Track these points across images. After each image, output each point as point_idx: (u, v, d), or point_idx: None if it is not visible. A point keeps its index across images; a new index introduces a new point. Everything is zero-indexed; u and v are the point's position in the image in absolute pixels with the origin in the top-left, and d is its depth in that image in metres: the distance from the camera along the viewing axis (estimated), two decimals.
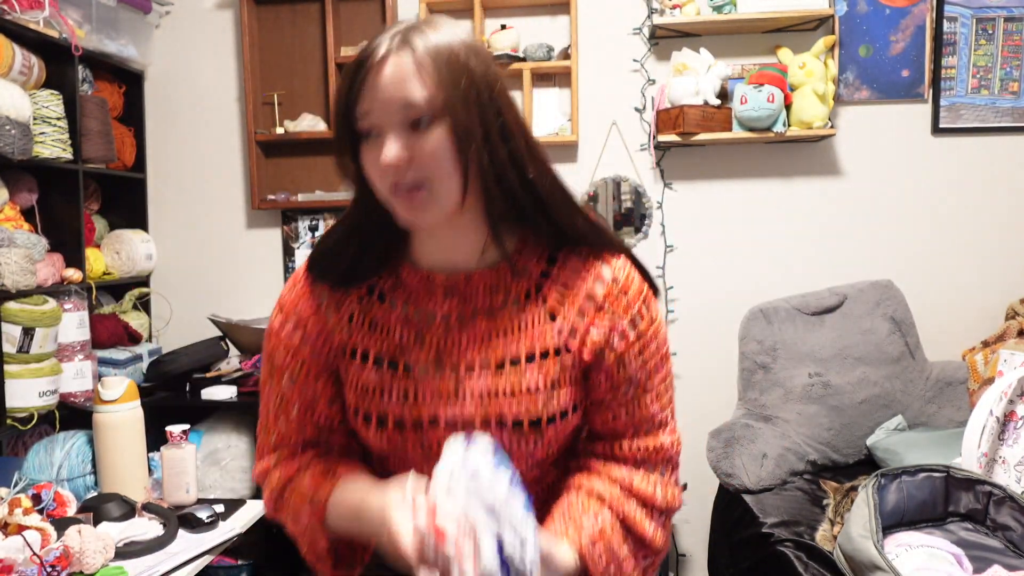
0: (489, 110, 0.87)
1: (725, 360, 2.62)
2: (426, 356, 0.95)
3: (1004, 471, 1.83)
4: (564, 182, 1.00)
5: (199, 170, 2.89)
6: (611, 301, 0.96)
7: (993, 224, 2.67)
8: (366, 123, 0.87)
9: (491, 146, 0.88)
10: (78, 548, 1.52)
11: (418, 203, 0.88)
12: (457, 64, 0.86)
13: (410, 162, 0.86)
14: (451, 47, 0.87)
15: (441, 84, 0.85)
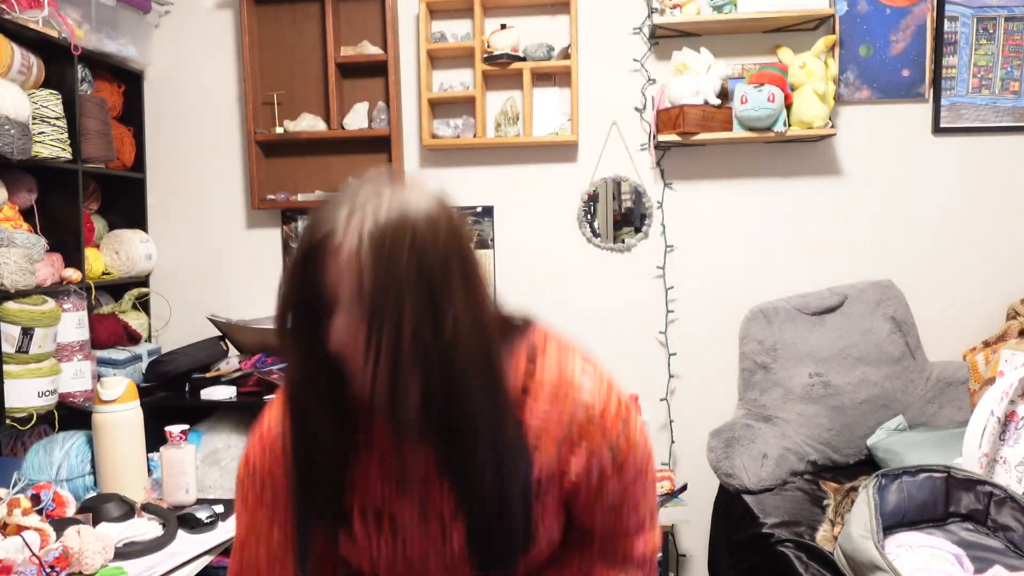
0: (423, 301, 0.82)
1: (725, 360, 2.62)
2: (410, 509, 0.94)
3: (1005, 471, 1.83)
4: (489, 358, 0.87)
5: (199, 170, 2.88)
6: (591, 430, 0.94)
7: (993, 224, 2.67)
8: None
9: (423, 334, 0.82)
10: (77, 548, 1.52)
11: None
12: (393, 264, 0.80)
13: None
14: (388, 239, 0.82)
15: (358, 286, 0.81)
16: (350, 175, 2.99)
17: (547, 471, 0.93)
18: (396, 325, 0.79)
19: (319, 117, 2.72)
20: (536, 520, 0.94)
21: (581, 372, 0.95)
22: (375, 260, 0.79)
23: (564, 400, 0.93)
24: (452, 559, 0.95)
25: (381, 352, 0.80)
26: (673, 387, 2.75)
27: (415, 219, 0.82)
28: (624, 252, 2.73)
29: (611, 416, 0.95)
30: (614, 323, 2.75)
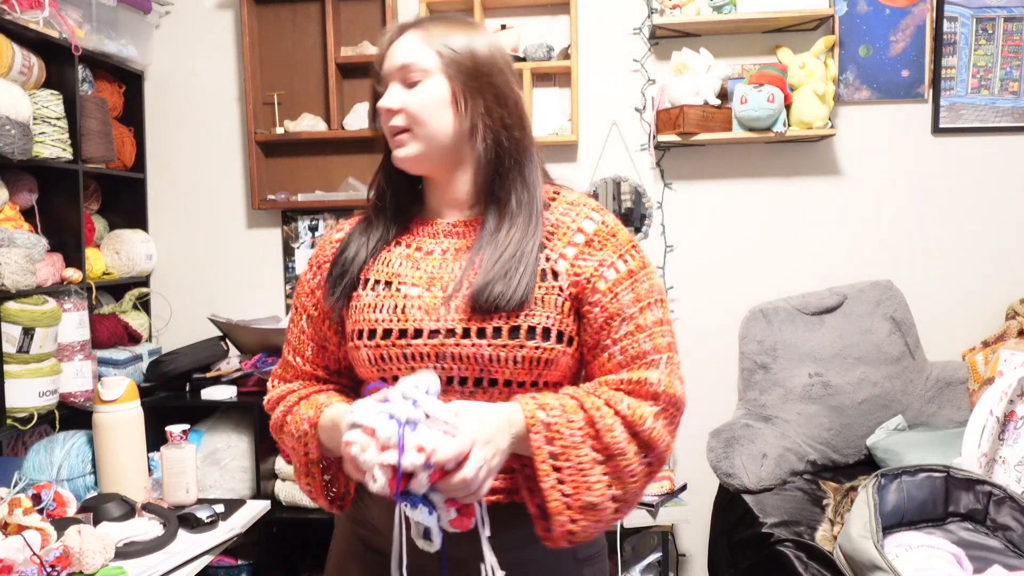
0: (483, 83, 1.05)
1: (725, 360, 2.62)
2: (419, 278, 1.07)
3: (1004, 471, 1.83)
4: (539, 170, 1.11)
5: (199, 170, 2.89)
6: (600, 239, 1.06)
7: (993, 224, 2.67)
8: (381, 87, 1.08)
9: (482, 113, 1.05)
10: (78, 548, 1.52)
11: (401, 143, 1.06)
12: (455, 40, 1.05)
13: (401, 111, 1.05)
14: (452, 27, 1.06)
15: (438, 54, 1.04)
16: (350, 175, 3.00)
17: (558, 263, 1.04)
18: (473, 84, 1.05)
19: (319, 117, 2.72)
20: (539, 297, 1.02)
21: (598, 208, 1.10)
22: (435, 38, 1.05)
23: (579, 212, 1.08)
24: (443, 315, 1.02)
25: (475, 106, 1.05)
26: None
27: (471, 24, 1.09)
28: None
29: (623, 235, 1.07)
30: None
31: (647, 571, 2.42)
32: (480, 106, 1.05)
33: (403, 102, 1.05)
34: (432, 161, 1.08)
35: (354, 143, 2.74)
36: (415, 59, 1.04)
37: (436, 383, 0.93)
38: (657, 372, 1.02)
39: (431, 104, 1.04)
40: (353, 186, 2.74)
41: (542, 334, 1.01)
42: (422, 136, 1.05)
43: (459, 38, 1.05)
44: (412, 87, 1.05)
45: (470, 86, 1.05)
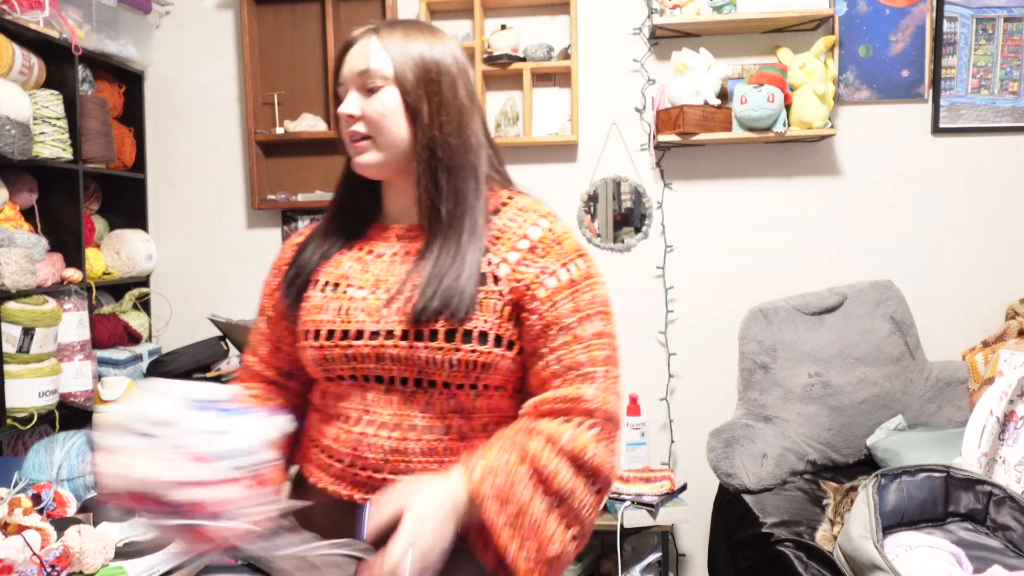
0: (429, 91, 1.06)
1: (725, 360, 2.62)
2: (366, 281, 1.08)
3: (1004, 471, 1.83)
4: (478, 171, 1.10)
5: (199, 170, 2.89)
6: (544, 246, 1.07)
7: (993, 224, 2.67)
8: (341, 90, 1.10)
9: (423, 122, 1.05)
10: (78, 548, 1.52)
11: (361, 150, 1.07)
12: (409, 48, 1.07)
13: (361, 117, 1.06)
14: (409, 34, 1.08)
15: (392, 61, 1.06)
16: None
17: (500, 268, 1.05)
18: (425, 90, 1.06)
19: (319, 117, 2.72)
20: (478, 301, 1.02)
21: (548, 214, 1.11)
22: (391, 44, 1.07)
23: (526, 218, 1.09)
24: (384, 317, 1.04)
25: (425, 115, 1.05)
26: (673, 387, 2.76)
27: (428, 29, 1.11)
28: (624, 252, 2.74)
29: (569, 244, 1.08)
30: None
31: (647, 571, 2.42)
32: (424, 114, 1.05)
33: (362, 109, 1.06)
34: (391, 168, 1.09)
35: None
36: (373, 65, 1.06)
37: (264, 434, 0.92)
38: (593, 388, 1.02)
39: (388, 112, 1.05)
40: None
41: (479, 338, 1.02)
42: (382, 144, 1.07)
43: (414, 45, 1.06)
44: (370, 94, 1.06)
45: (417, 94, 1.05)
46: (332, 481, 1.08)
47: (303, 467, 1.15)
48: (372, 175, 1.10)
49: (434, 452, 1.04)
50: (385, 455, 1.04)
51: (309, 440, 1.14)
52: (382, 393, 1.05)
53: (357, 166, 1.09)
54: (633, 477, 2.47)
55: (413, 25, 1.09)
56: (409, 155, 1.07)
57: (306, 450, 1.15)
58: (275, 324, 1.19)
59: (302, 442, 1.17)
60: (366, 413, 1.06)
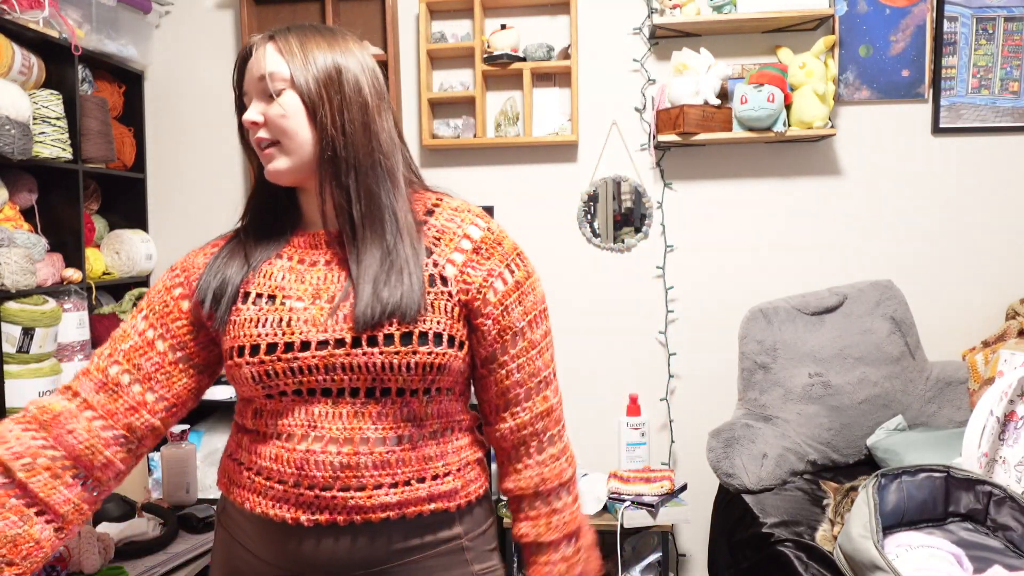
0: (329, 92, 1.02)
1: (725, 360, 2.62)
2: (304, 291, 1.05)
3: (1004, 471, 1.83)
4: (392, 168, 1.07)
5: (199, 170, 2.89)
6: (487, 247, 1.07)
7: (993, 224, 2.67)
8: (245, 100, 1.08)
9: (324, 123, 1.02)
10: (78, 548, 1.52)
11: (270, 157, 1.05)
12: (306, 48, 1.03)
13: (265, 123, 1.04)
14: (304, 36, 1.05)
15: (289, 62, 1.03)
16: None
17: (447, 269, 1.05)
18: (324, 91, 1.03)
19: None
20: (428, 302, 1.02)
21: (481, 214, 1.11)
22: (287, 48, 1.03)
23: (463, 217, 1.09)
24: (331, 326, 1.01)
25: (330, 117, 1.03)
26: (673, 387, 2.76)
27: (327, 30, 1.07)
28: (624, 252, 2.74)
29: (508, 243, 1.10)
30: (614, 323, 2.75)
31: (647, 571, 2.42)
32: (324, 113, 1.02)
33: (264, 115, 1.03)
34: (303, 172, 1.05)
35: None
36: (272, 70, 1.02)
37: None
38: (550, 390, 1.13)
39: (289, 115, 1.02)
40: None
41: (434, 339, 1.01)
42: (288, 148, 1.03)
43: (310, 47, 1.03)
44: (271, 100, 1.03)
45: (316, 93, 1.02)
46: (272, 504, 1.03)
47: (231, 493, 1.09)
48: (286, 182, 1.06)
49: (387, 464, 1.01)
50: (335, 471, 0.99)
51: (236, 464, 1.09)
52: (330, 406, 1.01)
53: (269, 174, 1.06)
54: (633, 477, 2.47)
55: (311, 28, 1.06)
56: (317, 157, 1.04)
57: (232, 475, 1.09)
58: (153, 324, 1.09)
59: (224, 467, 1.12)
60: (312, 429, 1.01)
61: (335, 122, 1.02)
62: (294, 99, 1.02)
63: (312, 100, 1.02)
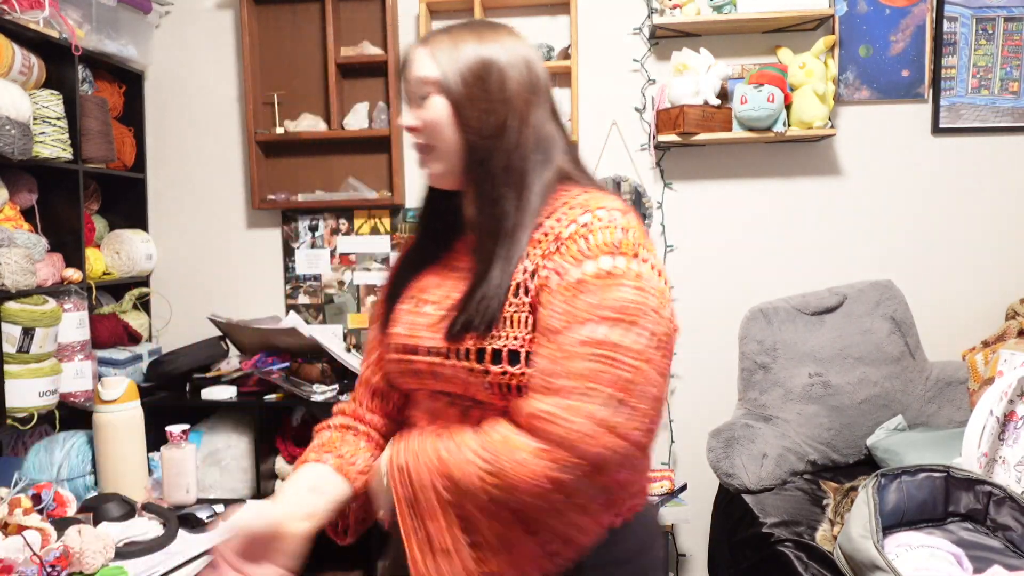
0: (474, 94, 1.00)
1: (725, 360, 2.62)
2: (439, 296, 1.04)
3: (1004, 471, 1.83)
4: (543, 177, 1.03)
5: (199, 170, 2.89)
6: (572, 241, 0.94)
7: (993, 224, 2.67)
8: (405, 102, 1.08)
9: (468, 127, 1.00)
10: (78, 548, 1.52)
11: (424, 161, 1.05)
12: (457, 48, 1.01)
13: (417, 128, 1.03)
14: (457, 35, 1.03)
15: (439, 65, 1.01)
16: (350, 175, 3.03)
17: (531, 279, 0.96)
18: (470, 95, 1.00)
19: (319, 117, 2.72)
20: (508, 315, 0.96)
21: (598, 208, 0.97)
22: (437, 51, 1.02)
23: (572, 215, 0.97)
24: (435, 334, 1.01)
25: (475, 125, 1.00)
26: (673, 387, 2.76)
27: (484, 30, 1.07)
28: None
29: (599, 238, 0.93)
30: None
31: None
32: (470, 118, 1.00)
33: (416, 119, 1.03)
34: (458, 175, 1.03)
35: (354, 143, 2.74)
36: (420, 74, 1.02)
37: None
38: (556, 407, 0.87)
39: (437, 119, 1.01)
40: (353, 186, 2.74)
41: (508, 358, 0.94)
42: (441, 153, 1.03)
43: (462, 46, 1.01)
44: (422, 104, 1.03)
45: (462, 96, 1.00)
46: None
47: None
48: (443, 185, 1.06)
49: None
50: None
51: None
52: (446, 405, 1.03)
53: (427, 178, 1.07)
54: None
55: (468, 26, 1.05)
56: (462, 159, 1.02)
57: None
58: (377, 334, 1.16)
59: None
60: (432, 424, 1.04)
61: (477, 125, 1.00)
62: (441, 103, 1.01)
63: (458, 103, 1.00)
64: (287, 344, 2.56)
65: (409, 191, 2.79)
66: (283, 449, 2.48)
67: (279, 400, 2.43)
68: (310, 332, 2.48)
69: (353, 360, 2.54)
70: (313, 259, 2.84)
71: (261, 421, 2.42)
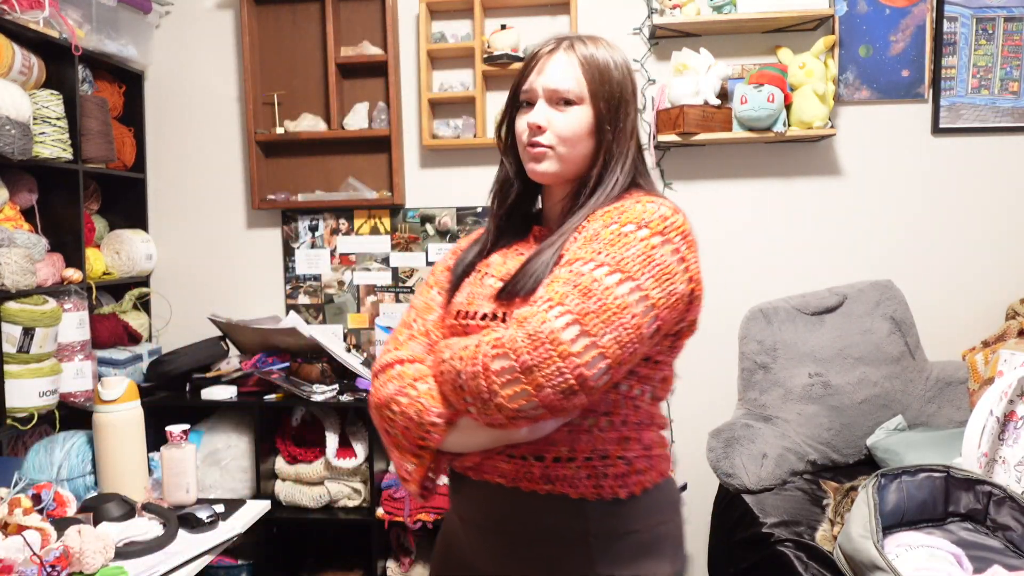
0: (618, 114, 1.11)
1: (725, 360, 2.62)
2: (503, 273, 1.13)
3: (1004, 471, 1.83)
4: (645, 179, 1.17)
5: (199, 170, 2.89)
6: (606, 214, 1.06)
7: (993, 224, 2.67)
8: (525, 96, 1.14)
9: (615, 137, 1.11)
10: (78, 548, 1.52)
11: (541, 157, 1.12)
12: (606, 73, 1.11)
13: (547, 129, 1.11)
14: (603, 59, 1.12)
15: (590, 83, 1.10)
16: (350, 175, 3.02)
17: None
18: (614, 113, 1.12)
19: (319, 117, 2.72)
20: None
21: (645, 200, 1.08)
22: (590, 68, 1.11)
23: (624, 204, 1.08)
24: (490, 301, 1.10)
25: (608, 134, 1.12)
26: (673, 387, 2.75)
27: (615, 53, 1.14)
28: None
29: (631, 214, 1.04)
30: None
31: None
32: (608, 134, 1.11)
33: (550, 121, 1.11)
34: (564, 177, 1.14)
35: (354, 143, 2.74)
36: (570, 84, 1.10)
37: None
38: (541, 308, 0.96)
39: (578, 130, 1.11)
40: (353, 186, 2.74)
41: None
42: (563, 156, 1.12)
43: (605, 65, 1.11)
44: (562, 110, 1.11)
45: (606, 116, 1.11)
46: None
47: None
48: (545, 181, 1.15)
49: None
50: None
51: None
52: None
53: (534, 173, 1.14)
54: None
55: (599, 42, 1.13)
56: (582, 167, 1.13)
57: None
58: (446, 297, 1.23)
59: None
60: None
61: (616, 140, 1.11)
62: (586, 115, 1.11)
63: (602, 120, 1.10)
64: (287, 344, 2.56)
65: (409, 191, 2.79)
66: (283, 449, 2.48)
67: (279, 400, 2.43)
68: (310, 332, 2.48)
69: (353, 360, 2.54)
70: (313, 259, 2.84)
71: (261, 421, 2.42)
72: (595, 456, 1.05)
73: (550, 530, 1.05)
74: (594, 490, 1.05)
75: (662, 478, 1.12)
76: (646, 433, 1.11)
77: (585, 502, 1.04)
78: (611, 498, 1.05)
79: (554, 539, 1.05)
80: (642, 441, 1.09)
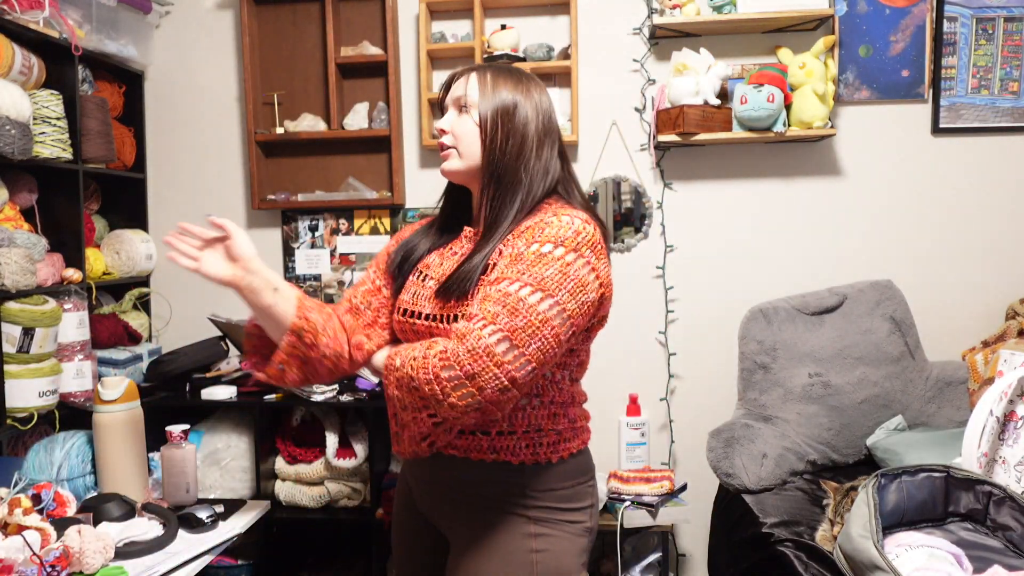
0: (503, 126, 1.30)
1: (725, 360, 2.62)
2: (440, 273, 1.33)
3: (1004, 471, 1.83)
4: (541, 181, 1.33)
5: (199, 170, 2.89)
6: (529, 231, 1.23)
7: (993, 224, 2.67)
8: (443, 109, 1.38)
9: (500, 142, 1.30)
10: (78, 548, 1.52)
11: (445, 156, 1.35)
12: (497, 85, 1.32)
13: (450, 132, 1.34)
14: (499, 75, 1.33)
15: (481, 92, 1.32)
16: (350, 175, 3.03)
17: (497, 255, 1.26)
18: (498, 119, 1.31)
19: (319, 117, 2.72)
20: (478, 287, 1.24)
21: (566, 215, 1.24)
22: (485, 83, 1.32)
23: (548, 219, 1.25)
24: (431, 302, 1.31)
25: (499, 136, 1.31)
26: (673, 387, 2.76)
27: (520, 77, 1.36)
28: (624, 252, 2.74)
29: (550, 231, 1.21)
30: (614, 323, 2.73)
31: (647, 571, 2.42)
32: (494, 139, 1.30)
33: (451, 125, 1.34)
34: (469, 175, 1.34)
35: (354, 143, 2.74)
36: (467, 93, 1.32)
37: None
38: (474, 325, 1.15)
39: (468, 132, 1.31)
40: (353, 186, 2.74)
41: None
42: (462, 154, 1.33)
43: (500, 85, 1.32)
44: (461, 115, 1.33)
45: (492, 123, 1.30)
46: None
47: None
48: (454, 179, 1.37)
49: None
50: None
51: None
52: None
53: (442, 170, 1.36)
54: (633, 477, 2.47)
55: (507, 71, 1.35)
56: (482, 168, 1.31)
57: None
58: (376, 273, 1.46)
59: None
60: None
61: (498, 146, 1.29)
62: (474, 122, 1.31)
63: (486, 124, 1.30)
64: None
65: (409, 191, 2.79)
66: (283, 449, 2.48)
67: (279, 400, 2.43)
68: None
69: None
70: (313, 259, 2.85)
71: (261, 421, 2.42)
72: (531, 429, 1.29)
73: (496, 487, 1.30)
74: (531, 456, 1.29)
75: (584, 445, 1.38)
76: (571, 409, 1.35)
77: (524, 465, 1.30)
78: (544, 461, 1.30)
79: (500, 493, 1.30)
80: (568, 415, 1.34)
